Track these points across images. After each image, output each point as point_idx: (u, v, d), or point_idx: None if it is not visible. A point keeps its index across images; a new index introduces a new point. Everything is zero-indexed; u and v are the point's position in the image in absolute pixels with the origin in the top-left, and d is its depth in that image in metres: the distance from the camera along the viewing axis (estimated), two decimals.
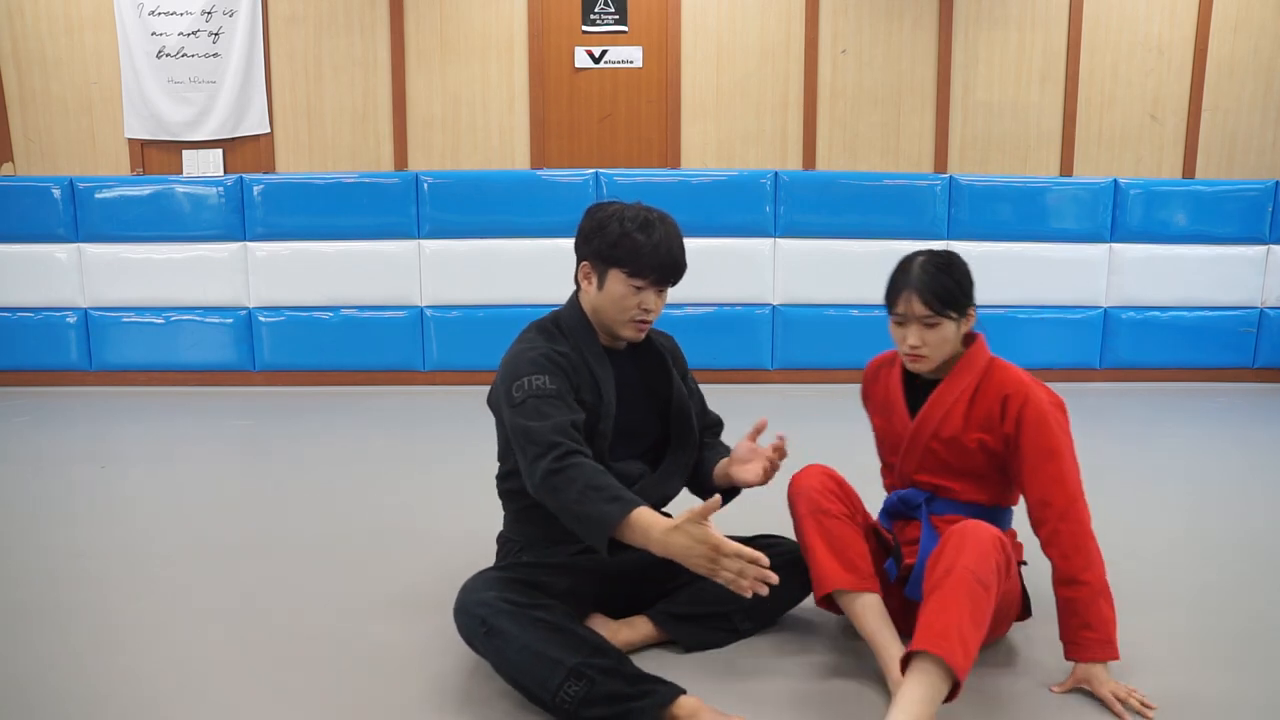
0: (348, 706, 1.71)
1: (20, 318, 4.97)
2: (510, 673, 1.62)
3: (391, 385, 5.02)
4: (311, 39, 5.36)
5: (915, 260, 1.90)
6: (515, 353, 1.82)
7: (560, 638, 1.59)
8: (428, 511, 2.89)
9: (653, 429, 1.95)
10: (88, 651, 1.93)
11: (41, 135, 5.36)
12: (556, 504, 1.61)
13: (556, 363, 1.77)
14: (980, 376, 1.87)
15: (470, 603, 1.68)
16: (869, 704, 1.70)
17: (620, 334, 1.87)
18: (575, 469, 1.60)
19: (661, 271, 1.81)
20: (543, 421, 1.66)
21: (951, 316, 1.84)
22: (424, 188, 4.91)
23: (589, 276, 1.86)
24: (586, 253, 1.85)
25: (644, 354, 1.97)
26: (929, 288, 1.85)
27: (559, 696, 1.55)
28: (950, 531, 1.67)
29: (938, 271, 1.87)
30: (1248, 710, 1.70)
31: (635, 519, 1.54)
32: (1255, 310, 5.16)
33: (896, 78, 5.48)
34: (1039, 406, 1.78)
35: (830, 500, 1.84)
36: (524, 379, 1.73)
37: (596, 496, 1.57)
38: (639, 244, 1.78)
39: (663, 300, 1.86)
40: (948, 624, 1.53)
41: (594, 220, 1.85)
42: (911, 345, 1.87)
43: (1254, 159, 5.59)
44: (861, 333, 5.02)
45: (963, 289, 1.86)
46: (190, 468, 3.49)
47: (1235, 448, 3.83)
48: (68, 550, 2.52)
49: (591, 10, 5.38)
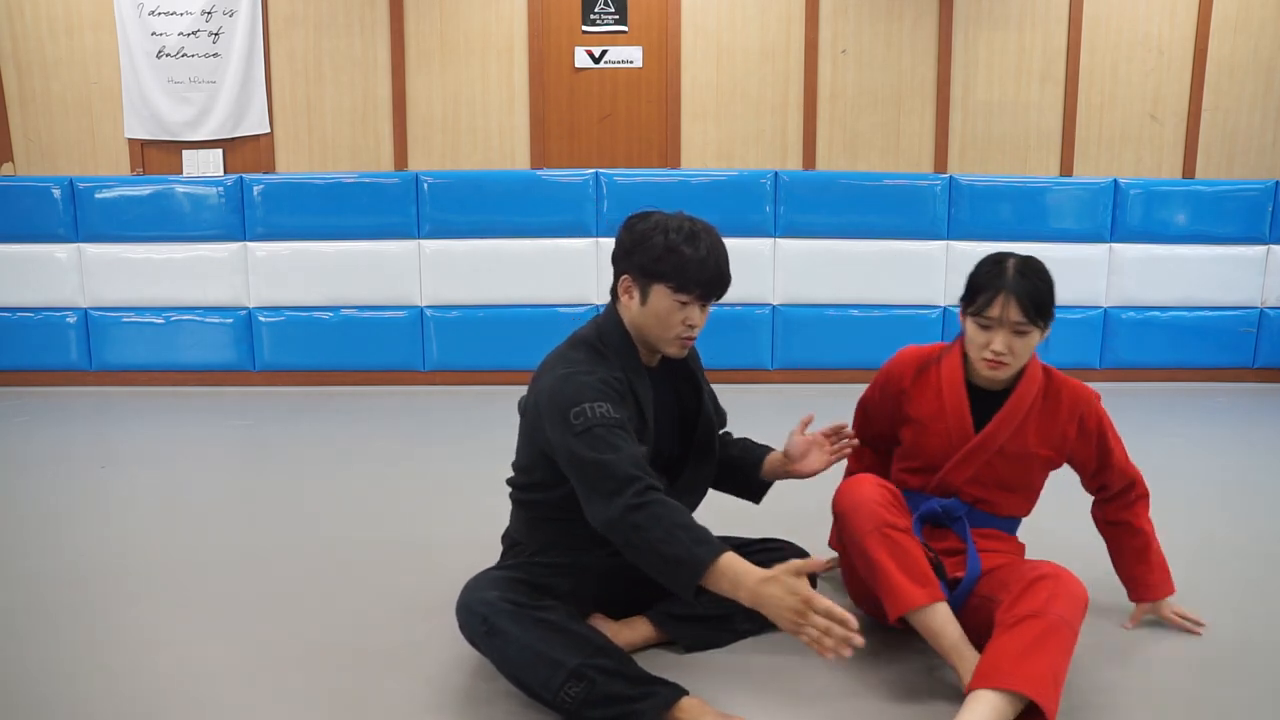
0: (347, 706, 1.71)
1: (20, 317, 4.97)
2: (512, 672, 1.62)
3: (391, 385, 5.02)
4: (311, 39, 5.36)
5: (1008, 262, 1.81)
6: (567, 375, 1.70)
7: (562, 638, 1.59)
8: (428, 511, 2.89)
9: (674, 445, 1.93)
10: (87, 651, 1.92)
11: (41, 135, 5.36)
12: (637, 541, 1.53)
13: (614, 388, 1.70)
14: (1042, 387, 1.87)
15: (473, 601, 1.67)
16: (869, 704, 1.70)
17: (664, 350, 1.81)
18: (659, 505, 1.53)
19: (709, 286, 1.74)
20: (615, 454, 1.58)
21: (1041, 326, 1.79)
22: (424, 188, 4.91)
23: (630, 291, 1.78)
24: (628, 266, 1.77)
25: (677, 371, 1.93)
26: (1029, 294, 1.76)
27: (560, 696, 1.54)
28: (1039, 573, 1.65)
29: (1036, 278, 1.79)
30: (1247, 711, 1.70)
31: (726, 564, 1.47)
32: (1255, 310, 5.16)
33: (896, 78, 5.47)
34: (1100, 410, 1.89)
35: (892, 513, 1.75)
36: (585, 405, 1.63)
37: (685, 537, 1.49)
38: (686, 258, 1.70)
39: (706, 314, 1.79)
40: (1044, 670, 1.50)
41: (635, 233, 1.76)
42: (995, 351, 1.78)
43: (1254, 159, 5.59)
44: (862, 333, 5.02)
45: (1054, 298, 1.82)
46: (190, 467, 3.49)
47: (1235, 448, 3.83)
48: (67, 550, 2.52)
49: (591, 10, 5.38)
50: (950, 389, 1.87)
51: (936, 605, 1.67)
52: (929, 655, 1.87)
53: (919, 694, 1.74)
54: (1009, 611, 1.59)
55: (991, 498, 1.87)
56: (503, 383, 4.91)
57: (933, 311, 5.01)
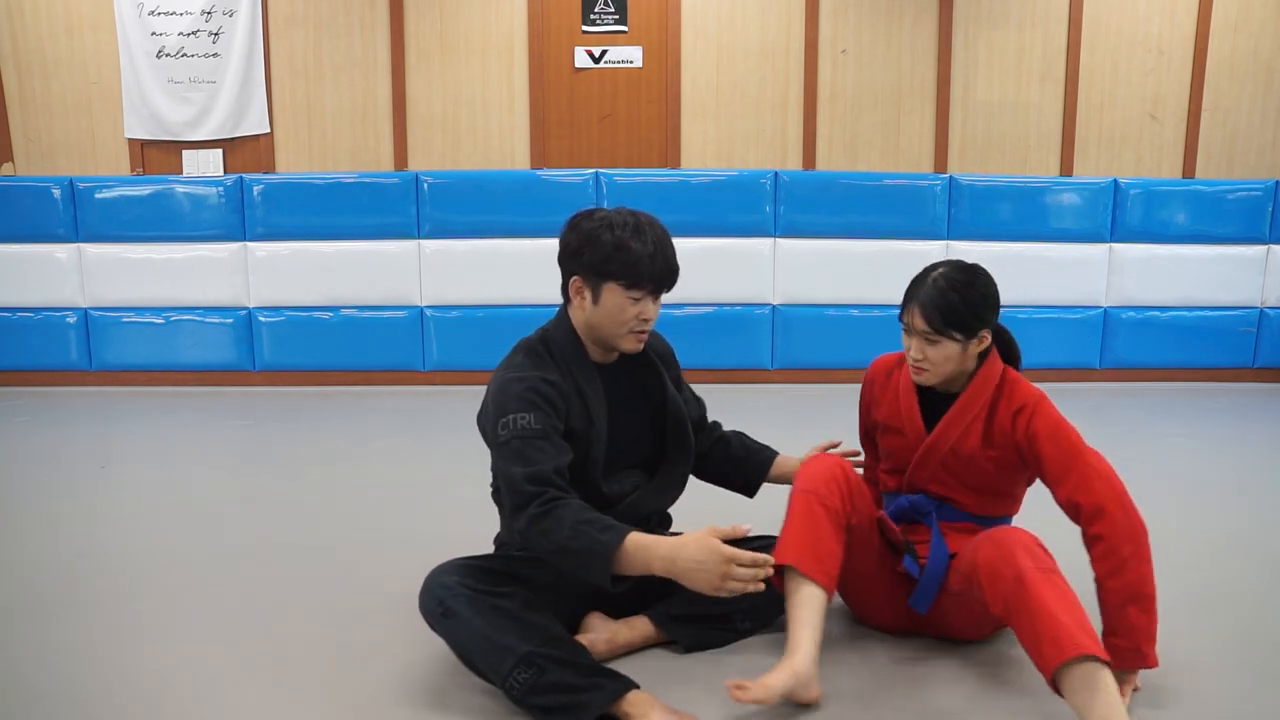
0: (348, 706, 1.71)
1: (20, 317, 4.97)
2: (464, 655, 1.66)
3: (391, 385, 5.02)
4: (311, 39, 5.36)
5: (935, 271, 1.82)
6: (503, 382, 1.75)
7: (515, 625, 1.61)
8: (427, 511, 2.89)
9: (648, 439, 1.93)
10: (86, 650, 1.93)
11: (41, 135, 5.36)
12: (548, 546, 1.59)
13: (544, 394, 1.72)
14: (995, 393, 1.83)
15: (432, 585, 1.71)
16: (869, 703, 1.71)
17: (620, 347, 1.82)
18: (562, 507, 1.58)
19: (659, 279, 1.76)
20: (525, 468, 1.62)
21: (955, 337, 1.78)
22: (424, 188, 4.91)
23: (581, 292, 1.79)
24: (577, 268, 1.78)
25: (636, 362, 1.93)
26: (934, 304, 1.78)
27: (508, 682, 1.58)
28: (982, 547, 1.66)
29: (949, 289, 1.78)
30: (1248, 710, 1.70)
31: (632, 543, 1.54)
32: (1255, 310, 5.15)
33: (896, 78, 5.48)
34: (1049, 415, 1.77)
35: (829, 488, 1.76)
36: (509, 417, 1.69)
37: (590, 530, 1.55)
38: (635, 253, 1.72)
39: (659, 307, 1.82)
40: (1060, 628, 1.49)
41: (581, 232, 1.77)
42: (913, 358, 1.84)
43: (1254, 159, 5.59)
44: (862, 333, 5.02)
45: (973, 310, 1.78)
46: (190, 467, 3.49)
47: (1235, 448, 3.83)
48: (67, 550, 2.52)
49: (591, 10, 5.38)
50: (905, 394, 1.91)
51: (814, 586, 1.67)
52: (919, 656, 1.87)
53: (914, 693, 1.74)
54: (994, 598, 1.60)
55: (958, 497, 1.87)
56: None
57: None
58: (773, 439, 2.17)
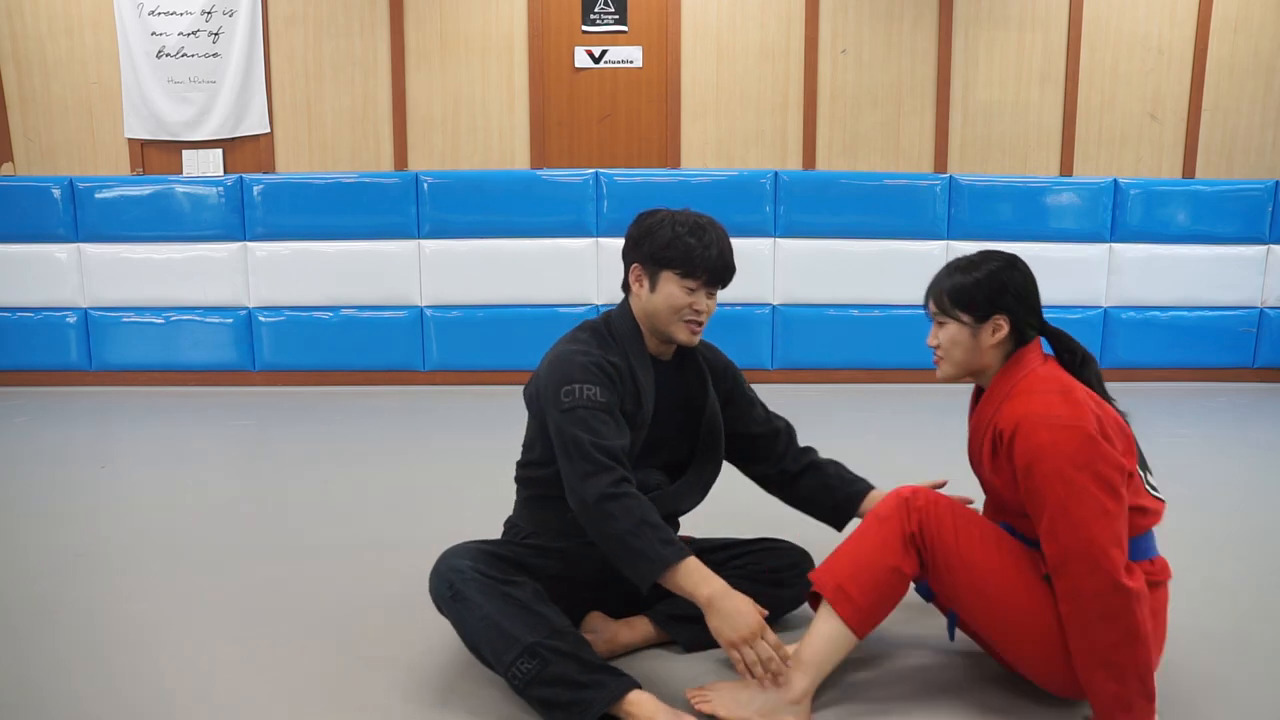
0: (347, 705, 1.71)
1: (20, 318, 4.97)
2: (470, 640, 1.66)
3: (391, 385, 5.02)
4: (311, 39, 5.36)
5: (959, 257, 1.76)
6: (565, 353, 1.78)
7: (524, 615, 1.62)
8: (428, 511, 2.90)
9: (680, 443, 1.95)
10: (87, 650, 1.93)
11: (41, 135, 5.36)
12: (605, 530, 1.61)
13: (607, 373, 1.76)
14: (999, 405, 1.63)
15: (444, 567, 1.72)
16: (871, 701, 1.71)
17: (674, 336, 1.84)
18: (632, 499, 1.61)
19: (714, 273, 1.81)
20: (596, 438, 1.65)
21: (960, 319, 1.68)
22: (424, 188, 4.91)
23: (640, 280, 1.85)
24: (637, 257, 1.85)
25: (686, 366, 1.96)
26: (940, 282, 1.73)
27: (511, 671, 1.59)
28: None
29: (958, 269, 1.72)
30: (1252, 707, 1.70)
31: (691, 565, 1.58)
32: (1255, 310, 5.16)
33: (896, 78, 5.48)
34: (1037, 439, 1.52)
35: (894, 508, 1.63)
36: (575, 385, 1.71)
37: (653, 535, 1.58)
38: (692, 246, 1.78)
39: (714, 303, 1.85)
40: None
41: (643, 226, 1.85)
42: (929, 344, 1.75)
43: (1254, 159, 5.59)
44: (861, 332, 5.03)
45: (982, 290, 1.68)
46: (190, 467, 3.49)
47: (1235, 448, 3.83)
48: (67, 550, 2.52)
49: (591, 10, 5.38)
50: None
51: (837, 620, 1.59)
52: (931, 663, 1.87)
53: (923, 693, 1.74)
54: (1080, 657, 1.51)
55: (1014, 522, 1.67)
56: (503, 382, 4.91)
57: None
58: None
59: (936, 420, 4.22)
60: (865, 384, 5.04)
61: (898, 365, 5.07)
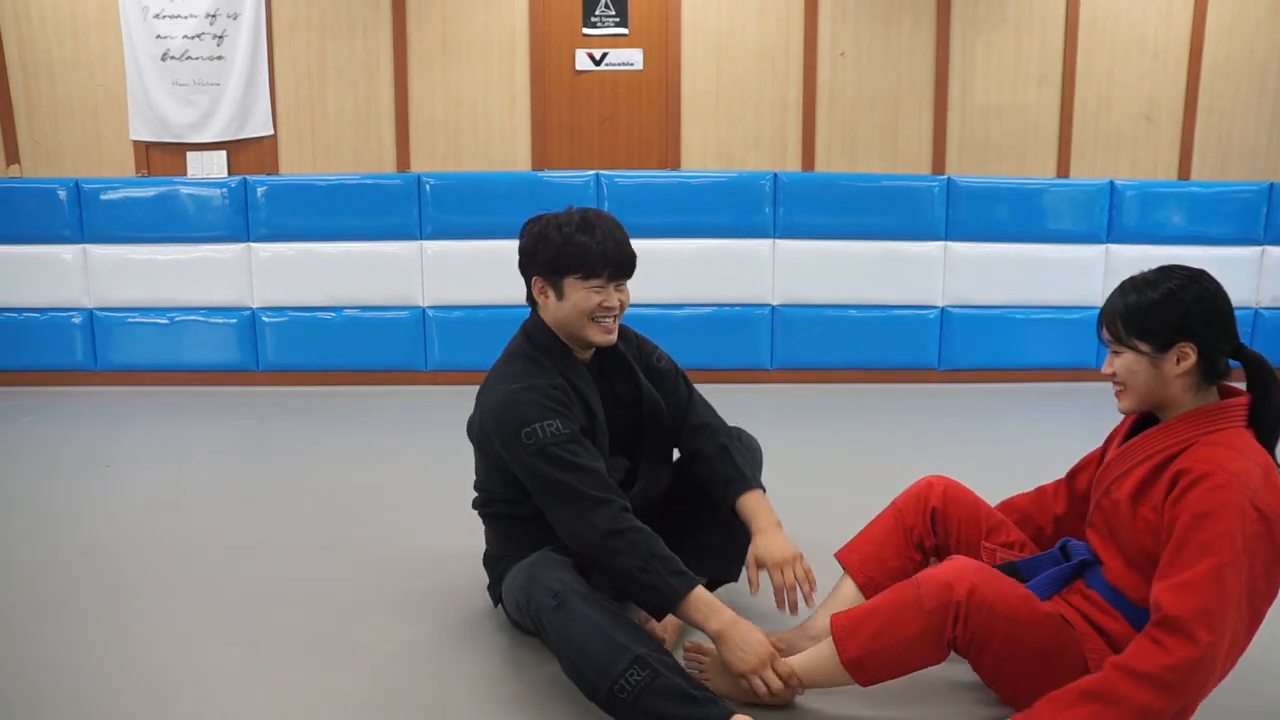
0: (348, 705, 1.73)
1: (26, 318, 5.00)
2: (571, 652, 1.57)
3: (394, 385, 5.05)
4: (314, 42, 5.40)
5: (1126, 281, 1.58)
6: (509, 394, 1.74)
7: (629, 628, 1.58)
8: (429, 511, 2.91)
9: (630, 435, 1.96)
10: (91, 649, 1.94)
11: (48, 138, 5.39)
12: (612, 565, 1.63)
13: (558, 400, 1.74)
14: (1186, 443, 1.46)
15: (546, 578, 1.65)
16: (872, 701, 1.73)
17: (590, 339, 1.83)
18: (636, 533, 1.64)
19: (615, 266, 1.79)
20: (580, 473, 1.65)
21: (1137, 347, 1.50)
22: (426, 189, 4.94)
23: (544, 291, 1.83)
24: (535, 269, 1.83)
25: (607, 359, 1.95)
26: (1113, 306, 1.55)
27: (620, 682, 1.50)
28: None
29: (1132, 288, 1.53)
30: (1248, 710, 1.71)
31: (699, 596, 1.62)
32: (1250, 311, 5.18)
33: (895, 80, 5.51)
34: (1215, 499, 1.35)
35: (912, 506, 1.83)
36: (534, 426, 1.69)
37: (661, 568, 1.61)
38: (586, 245, 1.76)
39: (623, 295, 1.83)
40: None
41: (532, 235, 1.83)
42: (1104, 372, 1.58)
43: (1249, 161, 5.62)
44: (861, 333, 5.05)
45: (1164, 314, 1.47)
46: (194, 467, 3.52)
47: None
48: (73, 549, 2.54)
49: (592, 13, 5.41)
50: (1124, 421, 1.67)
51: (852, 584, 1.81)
52: None
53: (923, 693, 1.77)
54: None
55: (1106, 558, 1.56)
56: None
57: (930, 312, 5.03)
58: (773, 439, 2.18)
59: (936, 420, 4.25)
60: (864, 384, 5.07)
61: (897, 365, 5.10)
